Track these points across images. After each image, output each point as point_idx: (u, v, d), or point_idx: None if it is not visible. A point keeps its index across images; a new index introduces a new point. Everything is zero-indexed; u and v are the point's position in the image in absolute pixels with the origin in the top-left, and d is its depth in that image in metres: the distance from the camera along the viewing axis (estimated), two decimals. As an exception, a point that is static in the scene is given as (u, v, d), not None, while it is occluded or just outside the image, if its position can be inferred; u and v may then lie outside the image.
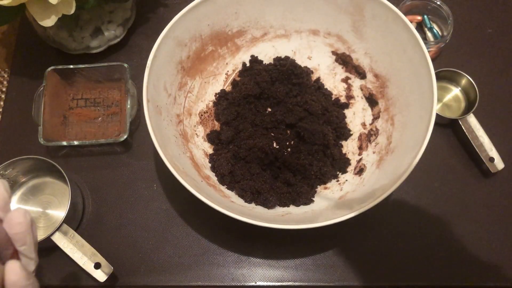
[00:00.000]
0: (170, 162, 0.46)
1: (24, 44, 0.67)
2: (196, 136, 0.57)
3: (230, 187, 0.54)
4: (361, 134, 0.58)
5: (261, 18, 0.60)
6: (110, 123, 0.60)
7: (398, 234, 0.55)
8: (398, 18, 0.52)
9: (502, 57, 0.65)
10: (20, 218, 0.30)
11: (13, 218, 0.30)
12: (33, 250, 0.31)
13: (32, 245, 0.31)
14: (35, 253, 0.31)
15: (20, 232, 0.30)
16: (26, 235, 0.30)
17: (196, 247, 0.54)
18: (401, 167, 0.47)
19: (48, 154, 0.59)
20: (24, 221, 0.30)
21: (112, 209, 0.56)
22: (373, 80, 0.59)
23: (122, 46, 0.66)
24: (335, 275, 0.53)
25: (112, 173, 0.58)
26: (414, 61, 0.51)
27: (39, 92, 0.57)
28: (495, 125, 0.60)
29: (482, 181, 0.58)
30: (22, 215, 0.30)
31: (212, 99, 0.60)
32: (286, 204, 0.53)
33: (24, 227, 0.30)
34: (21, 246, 0.30)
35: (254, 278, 0.53)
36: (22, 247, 0.30)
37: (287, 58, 0.62)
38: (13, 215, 0.30)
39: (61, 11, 0.51)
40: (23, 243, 0.30)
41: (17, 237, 0.30)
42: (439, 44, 0.61)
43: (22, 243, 0.30)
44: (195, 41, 0.57)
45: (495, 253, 0.54)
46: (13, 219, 0.30)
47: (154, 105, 0.50)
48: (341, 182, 0.55)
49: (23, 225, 0.30)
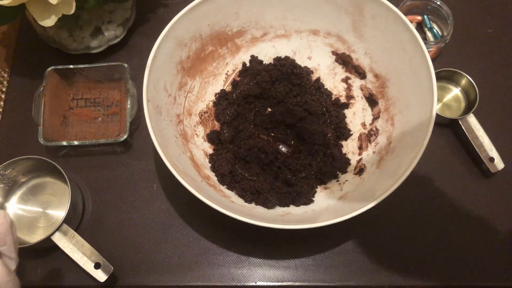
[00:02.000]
0: (170, 162, 0.46)
1: (24, 44, 0.67)
2: (196, 136, 0.57)
3: (230, 187, 0.54)
4: (361, 134, 0.58)
5: (261, 18, 0.60)
6: (110, 123, 0.60)
7: (398, 234, 0.55)
8: (398, 18, 0.52)
9: (502, 57, 0.65)
10: (0, 219, 0.31)
11: None
12: (13, 250, 0.32)
13: (12, 245, 0.32)
14: (15, 253, 0.33)
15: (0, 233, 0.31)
16: (6, 235, 0.31)
17: (196, 247, 0.54)
18: (401, 167, 0.47)
19: (48, 154, 0.59)
20: (4, 222, 0.31)
21: (112, 209, 0.56)
22: (373, 80, 0.59)
23: (122, 46, 0.66)
24: (335, 275, 0.53)
25: (112, 173, 0.58)
26: (414, 61, 0.51)
27: (39, 92, 0.57)
28: (495, 125, 0.60)
29: (482, 181, 0.58)
30: (2, 217, 0.31)
31: (212, 99, 0.60)
32: (286, 204, 0.53)
33: (4, 228, 0.31)
34: (2, 246, 0.31)
35: (254, 278, 0.53)
36: (3, 247, 0.32)
37: (287, 58, 0.62)
38: None
39: (61, 11, 0.51)
40: (3, 243, 0.31)
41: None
42: (439, 44, 0.61)
43: (2, 243, 0.31)
44: (195, 41, 0.57)
45: (495, 253, 0.54)
46: None
47: (154, 105, 0.50)
48: (341, 182, 0.55)
49: (3, 226, 0.31)
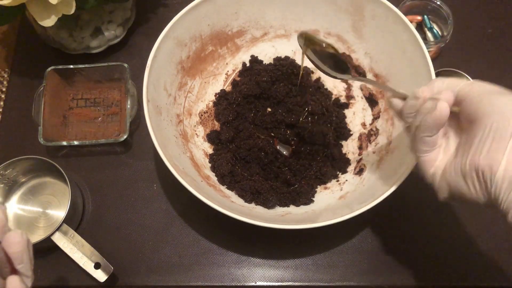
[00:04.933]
0: (170, 162, 0.46)
1: (24, 44, 0.67)
2: (196, 136, 0.57)
3: (230, 187, 0.54)
4: (361, 134, 0.58)
5: (261, 18, 0.60)
6: (110, 123, 0.60)
7: (398, 234, 0.55)
8: (398, 18, 0.52)
9: (502, 57, 0.65)
10: (18, 238, 0.32)
11: (11, 238, 0.32)
12: (29, 268, 0.33)
13: (28, 263, 0.33)
14: (31, 271, 0.33)
15: (17, 251, 0.32)
16: (23, 253, 0.32)
17: (196, 247, 0.54)
18: (401, 167, 0.47)
19: (48, 154, 0.59)
20: (21, 241, 0.32)
21: (112, 209, 0.56)
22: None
23: (122, 46, 0.66)
24: (335, 275, 0.53)
25: (112, 173, 0.58)
26: (414, 61, 0.51)
27: (39, 92, 0.57)
28: (495, 125, 0.59)
29: (482, 181, 0.58)
30: (19, 235, 0.32)
31: (212, 99, 0.60)
32: (286, 204, 0.53)
33: (21, 247, 0.32)
34: (19, 265, 0.32)
35: (254, 278, 0.53)
36: (20, 265, 0.32)
37: (287, 58, 0.62)
38: (11, 235, 0.32)
39: (61, 11, 0.51)
40: (20, 261, 0.32)
41: (15, 256, 0.32)
42: (439, 44, 0.61)
43: (20, 261, 0.32)
44: (195, 41, 0.57)
45: (495, 253, 0.54)
46: (11, 239, 0.32)
47: (154, 105, 0.50)
48: (341, 182, 0.55)
49: (20, 245, 0.32)
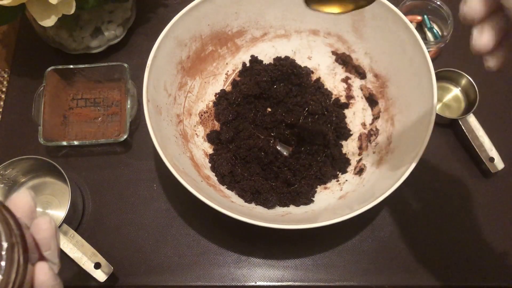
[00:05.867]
0: (170, 162, 0.46)
1: (24, 44, 0.67)
2: (196, 136, 0.57)
3: (230, 187, 0.54)
4: (361, 134, 0.58)
5: (261, 18, 0.60)
6: (110, 123, 0.60)
7: (398, 234, 0.55)
8: (398, 18, 0.52)
9: (502, 57, 0.65)
10: (46, 224, 0.31)
11: (40, 224, 0.31)
12: (56, 255, 0.33)
13: (56, 250, 0.32)
14: (58, 258, 0.33)
15: (45, 238, 0.31)
16: (51, 240, 0.32)
17: (196, 247, 0.54)
18: (401, 167, 0.47)
19: (48, 154, 0.59)
20: (49, 227, 0.32)
21: (112, 209, 0.56)
22: (373, 80, 0.59)
23: (122, 46, 0.66)
24: (335, 275, 0.53)
25: (112, 173, 0.58)
26: (414, 61, 0.51)
27: (39, 92, 0.57)
28: (495, 125, 0.60)
29: (482, 181, 0.58)
30: (48, 222, 0.31)
31: (212, 99, 0.60)
32: (286, 204, 0.53)
33: (49, 233, 0.32)
34: (46, 251, 0.32)
35: (254, 278, 0.53)
36: (47, 252, 0.32)
37: (287, 58, 0.62)
38: (40, 221, 0.31)
39: (61, 11, 0.51)
40: (48, 248, 0.32)
41: (43, 242, 0.32)
42: (439, 44, 0.61)
43: (47, 248, 0.32)
44: (195, 41, 0.57)
45: (495, 253, 0.54)
46: (39, 225, 0.31)
47: (154, 105, 0.50)
48: (341, 182, 0.55)
49: (49, 231, 0.31)
